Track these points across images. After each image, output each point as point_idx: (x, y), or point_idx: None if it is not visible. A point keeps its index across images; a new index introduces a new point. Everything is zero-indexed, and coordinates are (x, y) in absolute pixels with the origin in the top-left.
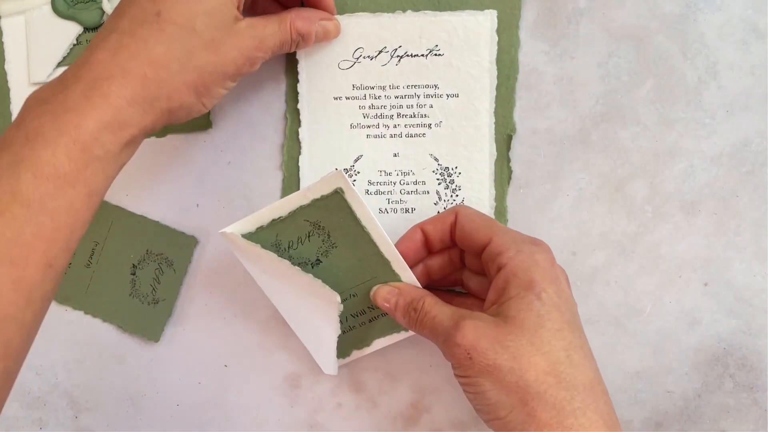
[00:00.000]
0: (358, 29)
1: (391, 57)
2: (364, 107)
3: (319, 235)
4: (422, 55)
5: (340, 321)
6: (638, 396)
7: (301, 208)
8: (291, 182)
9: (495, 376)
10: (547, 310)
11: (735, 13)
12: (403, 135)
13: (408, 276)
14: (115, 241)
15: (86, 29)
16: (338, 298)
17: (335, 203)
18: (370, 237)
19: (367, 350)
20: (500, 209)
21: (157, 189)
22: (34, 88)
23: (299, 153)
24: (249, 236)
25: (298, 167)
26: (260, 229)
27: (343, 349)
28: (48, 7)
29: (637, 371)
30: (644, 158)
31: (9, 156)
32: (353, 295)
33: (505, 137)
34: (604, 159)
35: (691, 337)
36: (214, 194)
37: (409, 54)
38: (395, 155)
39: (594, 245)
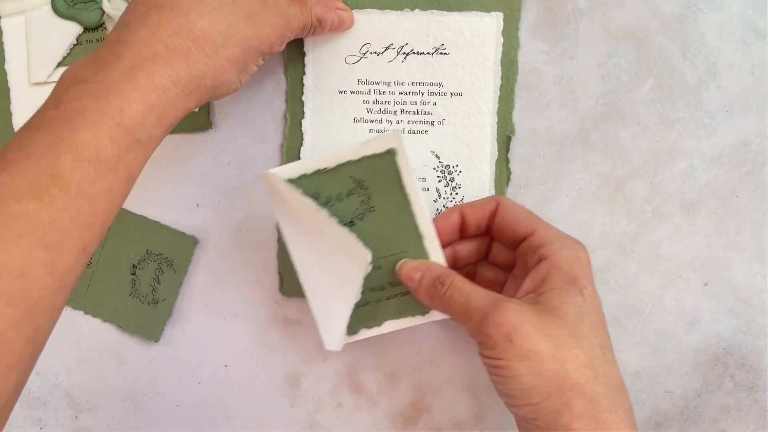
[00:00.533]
0: (366, 25)
1: (398, 54)
2: (368, 102)
3: (359, 195)
4: (428, 53)
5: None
6: (638, 396)
7: (349, 163)
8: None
9: (534, 362)
10: (588, 306)
11: (735, 13)
12: (406, 131)
13: (437, 256)
14: (115, 241)
15: (86, 29)
16: (369, 257)
17: (385, 164)
18: (410, 207)
19: (377, 331)
20: None
21: (157, 189)
22: (34, 88)
23: (301, 145)
24: (290, 182)
25: (299, 159)
26: (303, 177)
27: (352, 325)
28: (48, 7)
29: (637, 371)
30: (644, 158)
31: (48, 136)
32: (377, 267)
33: (504, 138)
34: (604, 159)
35: (691, 337)
36: (214, 194)
37: (416, 52)
38: None
39: (594, 245)
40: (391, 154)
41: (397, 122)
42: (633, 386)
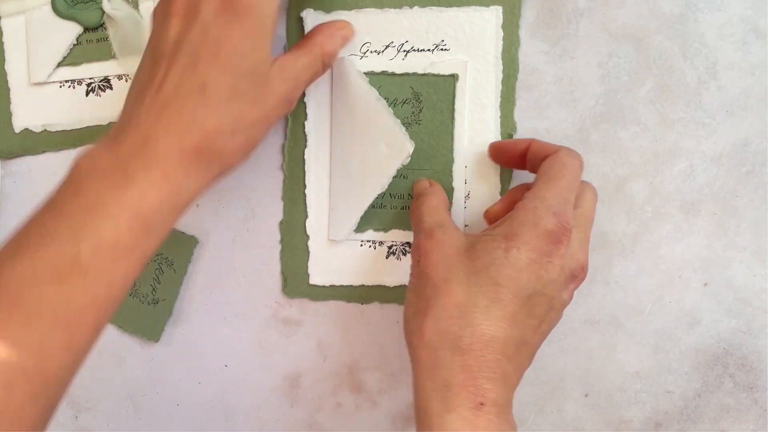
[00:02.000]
0: (365, 25)
1: (398, 51)
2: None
3: (412, 106)
4: (428, 50)
5: (379, 196)
6: (638, 396)
7: (415, 75)
8: (292, 183)
9: (421, 282)
10: (503, 263)
11: (735, 13)
12: None
13: (459, 183)
14: None
15: (86, 29)
16: (411, 148)
17: (444, 85)
18: (453, 131)
19: (382, 236)
20: None
21: None
22: (34, 88)
23: (305, 146)
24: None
25: (303, 161)
26: (370, 72)
27: (362, 223)
28: (48, 7)
29: (637, 371)
30: (644, 158)
31: (69, 223)
32: (404, 177)
33: (506, 137)
34: (604, 159)
35: (691, 337)
36: (214, 194)
37: (416, 49)
38: None
39: (594, 245)
40: (454, 78)
41: None
42: (633, 386)
